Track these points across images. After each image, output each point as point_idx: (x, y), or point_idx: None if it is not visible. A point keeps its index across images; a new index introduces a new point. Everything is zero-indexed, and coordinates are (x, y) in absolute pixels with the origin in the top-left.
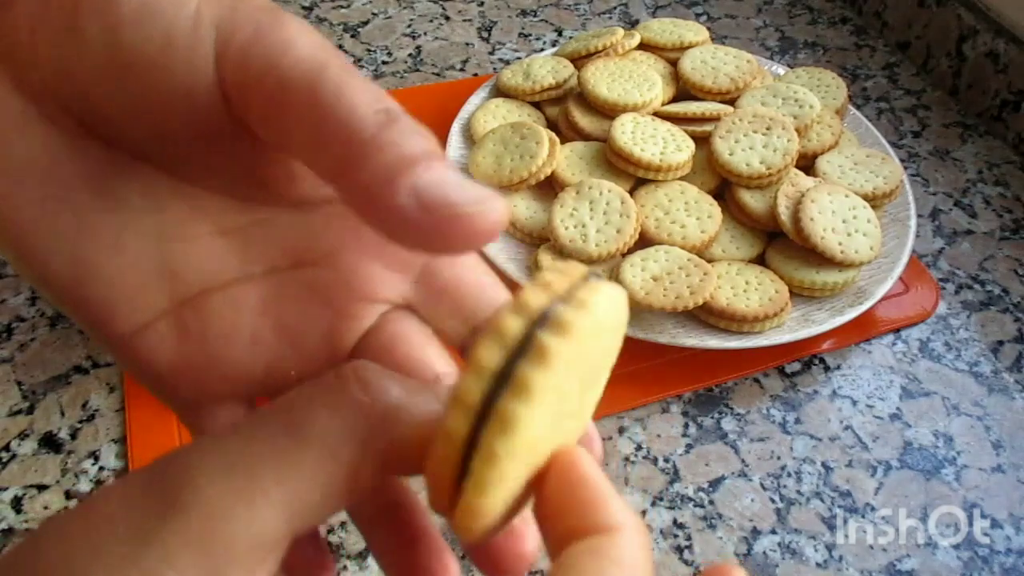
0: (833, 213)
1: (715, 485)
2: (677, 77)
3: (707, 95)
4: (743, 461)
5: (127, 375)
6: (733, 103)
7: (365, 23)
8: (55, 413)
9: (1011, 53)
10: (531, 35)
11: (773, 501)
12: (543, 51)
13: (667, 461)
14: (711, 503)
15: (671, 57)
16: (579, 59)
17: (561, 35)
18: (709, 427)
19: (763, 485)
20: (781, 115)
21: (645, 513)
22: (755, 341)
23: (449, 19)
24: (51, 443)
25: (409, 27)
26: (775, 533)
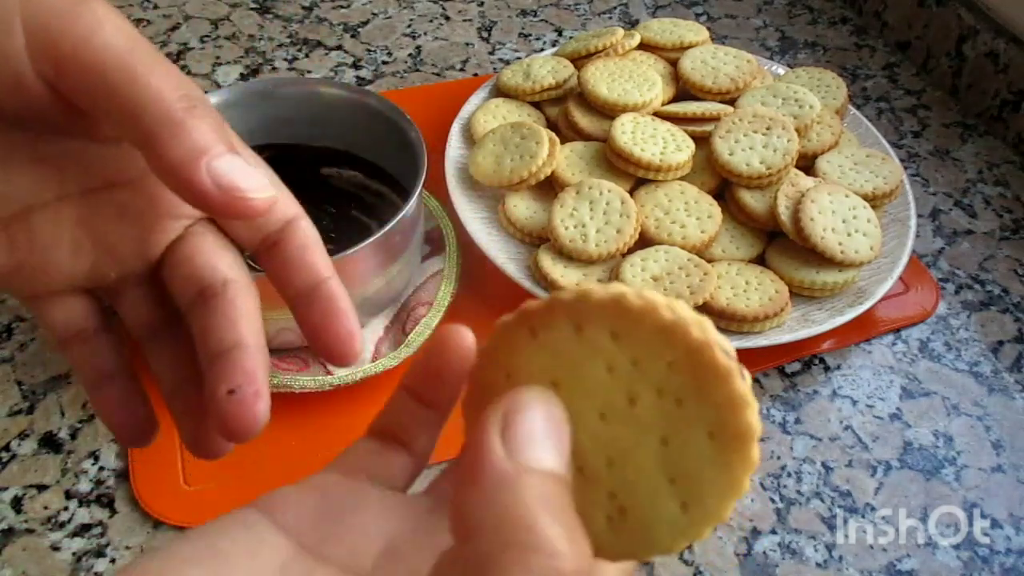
0: (833, 213)
1: None
2: (677, 77)
3: (707, 95)
4: None
5: None
6: (733, 103)
7: (365, 23)
8: (55, 413)
9: (1011, 53)
10: (531, 35)
11: (773, 501)
12: (543, 51)
13: None
14: None
15: (671, 57)
16: (579, 59)
17: (561, 35)
18: None
19: (763, 485)
20: (781, 115)
21: None
22: (755, 341)
23: (449, 19)
24: (51, 443)
25: (409, 27)
26: (775, 533)
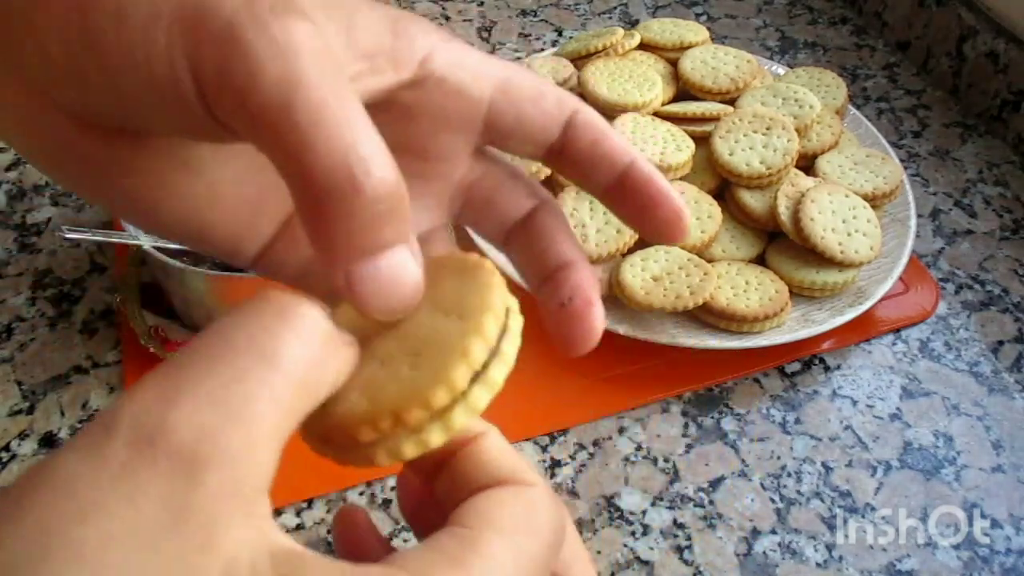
0: (833, 213)
1: (715, 485)
2: (677, 77)
3: (707, 95)
4: (743, 461)
5: (127, 378)
6: (733, 103)
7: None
8: (55, 413)
9: (1011, 53)
10: (531, 35)
11: (773, 501)
12: (543, 51)
13: (667, 461)
14: (711, 503)
15: (671, 57)
16: (579, 59)
17: (561, 35)
18: (709, 427)
19: (763, 485)
20: (781, 115)
21: (645, 513)
22: (755, 341)
23: (449, 19)
24: (51, 443)
25: None
26: (775, 533)
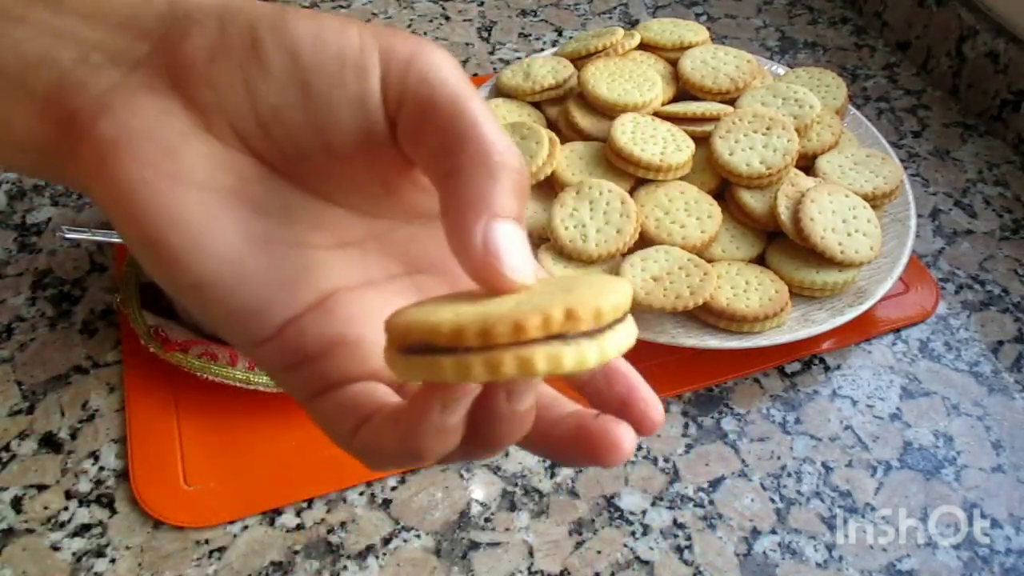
0: (833, 213)
1: (715, 485)
2: (677, 77)
3: (707, 95)
4: (743, 461)
5: (127, 378)
6: (733, 103)
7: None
8: (55, 413)
9: (1011, 53)
10: (531, 35)
11: (773, 501)
12: (543, 51)
13: (667, 461)
14: (711, 503)
15: (671, 57)
16: (579, 59)
17: (561, 35)
18: (709, 427)
19: (763, 485)
20: (781, 115)
21: (645, 513)
22: (755, 341)
23: (449, 19)
24: (51, 443)
25: (409, 27)
26: (775, 533)
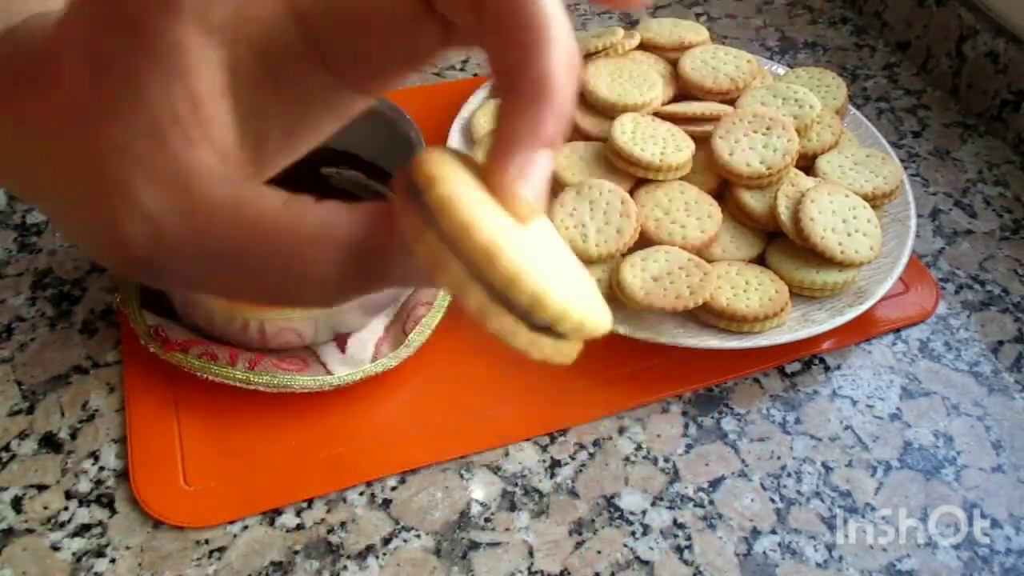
0: (833, 213)
1: (715, 485)
2: (677, 77)
3: (707, 95)
4: (743, 461)
5: (127, 378)
6: (733, 103)
7: None
8: (55, 413)
9: (1011, 53)
10: None
11: (773, 501)
12: None
13: (667, 461)
14: (711, 503)
15: (671, 57)
16: None
17: None
18: (709, 427)
19: (763, 485)
20: (781, 115)
21: (645, 513)
22: (755, 341)
23: None
24: (51, 443)
25: None
26: (775, 533)
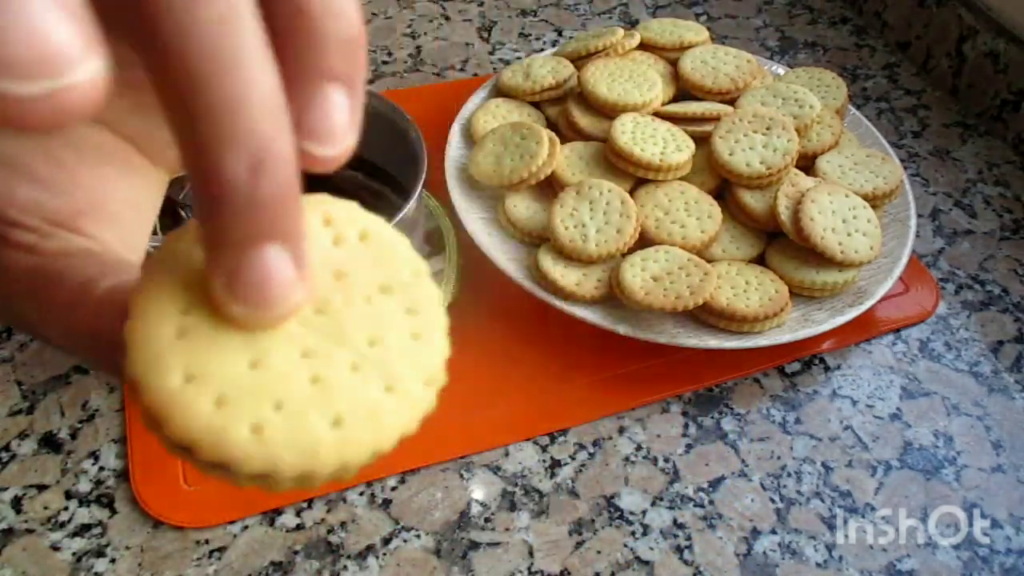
0: (833, 213)
1: (715, 485)
2: (677, 77)
3: (707, 95)
4: (743, 461)
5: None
6: (733, 103)
7: (365, 23)
8: (55, 413)
9: (1011, 53)
10: (531, 35)
11: (773, 501)
12: (543, 51)
13: (667, 461)
14: (711, 503)
15: (671, 57)
16: (579, 59)
17: (561, 35)
18: (709, 427)
19: (763, 485)
20: (781, 115)
21: (645, 513)
22: (755, 341)
23: (449, 19)
24: (51, 443)
25: (409, 27)
26: (775, 533)
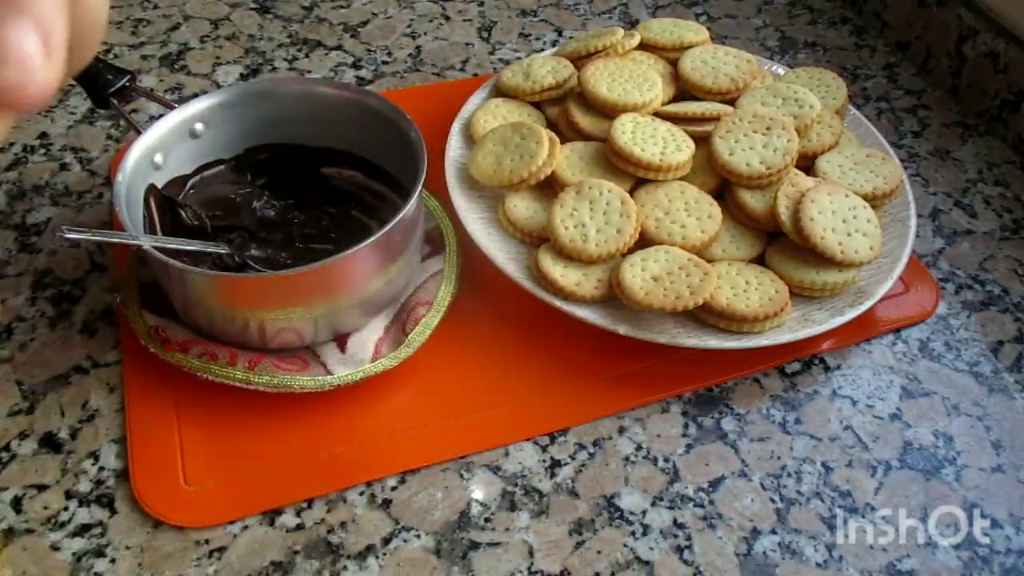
0: (833, 213)
1: (715, 485)
2: (677, 77)
3: (707, 95)
4: (743, 461)
5: (127, 378)
6: (733, 103)
7: (365, 23)
8: (55, 413)
9: (1011, 53)
10: (531, 35)
11: (773, 501)
12: (543, 51)
13: (667, 461)
14: (711, 503)
15: (671, 57)
16: (579, 59)
17: (561, 35)
18: (709, 427)
19: (763, 485)
20: (781, 115)
21: (645, 513)
22: (755, 341)
23: (449, 19)
24: (51, 443)
25: (409, 27)
26: (775, 533)
